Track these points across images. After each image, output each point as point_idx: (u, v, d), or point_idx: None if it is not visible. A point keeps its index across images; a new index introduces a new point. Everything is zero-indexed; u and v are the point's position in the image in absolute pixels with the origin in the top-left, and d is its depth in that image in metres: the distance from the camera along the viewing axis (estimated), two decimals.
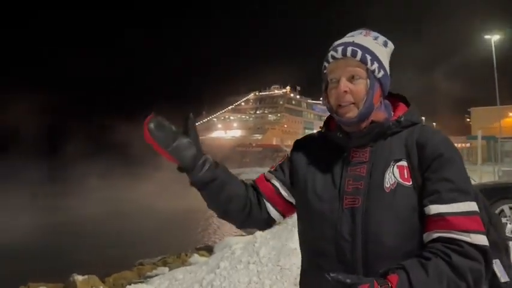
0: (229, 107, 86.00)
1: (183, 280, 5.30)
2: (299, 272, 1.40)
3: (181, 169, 1.28)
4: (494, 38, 27.93)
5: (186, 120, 1.28)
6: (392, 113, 1.32)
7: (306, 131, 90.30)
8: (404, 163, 1.19)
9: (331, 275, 1.04)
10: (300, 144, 1.45)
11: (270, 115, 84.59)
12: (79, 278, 8.27)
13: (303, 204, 1.34)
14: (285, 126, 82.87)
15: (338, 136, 1.30)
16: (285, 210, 1.43)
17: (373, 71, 1.22)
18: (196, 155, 1.27)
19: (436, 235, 1.09)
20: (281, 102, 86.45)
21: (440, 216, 1.09)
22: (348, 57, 1.22)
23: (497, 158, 19.02)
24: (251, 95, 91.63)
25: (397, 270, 1.04)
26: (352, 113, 1.21)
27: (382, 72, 1.24)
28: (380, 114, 1.27)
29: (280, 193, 1.41)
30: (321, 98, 1.37)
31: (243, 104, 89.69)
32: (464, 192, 1.11)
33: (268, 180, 1.44)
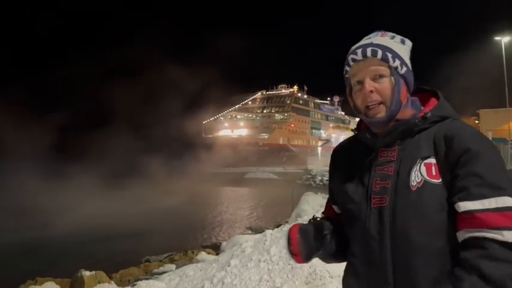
0: (236, 106, 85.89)
1: (194, 277, 5.28)
2: (310, 271, 1.45)
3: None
4: (504, 39, 27.78)
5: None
6: (422, 109, 1.29)
7: (314, 131, 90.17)
8: (432, 160, 1.16)
9: None
10: (335, 152, 1.50)
11: (277, 114, 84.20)
12: (86, 273, 8.29)
13: (340, 207, 1.39)
14: (292, 125, 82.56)
15: (366, 137, 1.31)
16: None
17: (396, 68, 1.22)
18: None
19: (467, 235, 1.05)
20: (288, 102, 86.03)
21: (470, 213, 1.05)
22: (369, 58, 1.22)
23: (508, 160, 18.86)
24: (258, 94, 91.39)
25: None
26: (382, 112, 1.22)
27: (404, 68, 1.23)
28: (407, 112, 1.26)
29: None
30: (328, 99, 1.36)
31: (250, 103, 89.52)
32: (495, 187, 1.05)
33: (331, 207, 1.50)
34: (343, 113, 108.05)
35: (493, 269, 0.97)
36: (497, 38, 28.27)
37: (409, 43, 1.30)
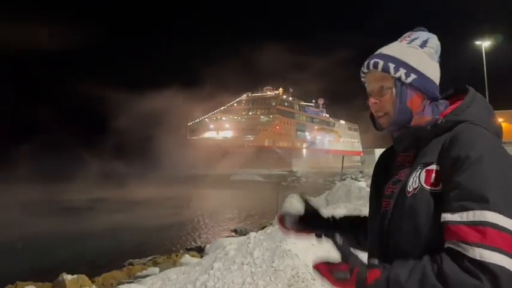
0: (221, 108, 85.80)
1: (176, 280, 5.25)
2: (292, 274, 1.46)
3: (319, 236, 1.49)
4: (485, 43, 28.33)
5: (304, 202, 1.53)
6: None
7: (299, 133, 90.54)
8: (434, 167, 1.11)
9: (337, 235, 1.11)
10: (381, 156, 1.47)
11: (262, 116, 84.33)
12: (68, 277, 8.19)
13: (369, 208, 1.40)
14: (277, 127, 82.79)
15: (393, 140, 1.32)
16: None
17: (399, 78, 1.20)
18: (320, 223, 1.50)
19: (446, 245, 1.00)
20: (273, 104, 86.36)
21: (446, 224, 1.00)
22: (372, 70, 1.24)
23: None
24: (243, 96, 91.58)
25: (384, 268, 1.02)
26: (386, 123, 1.24)
27: (413, 76, 1.20)
28: (423, 118, 1.22)
29: None
30: (313, 101, 1.36)
31: (235, 104, 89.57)
32: (478, 199, 0.96)
33: None
34: (327, 115, 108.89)
35: (453, 272, 0.93)
36: (477, 43, 28.81)
37: (432, 44, 1.27)
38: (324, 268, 1.07)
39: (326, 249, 5.30)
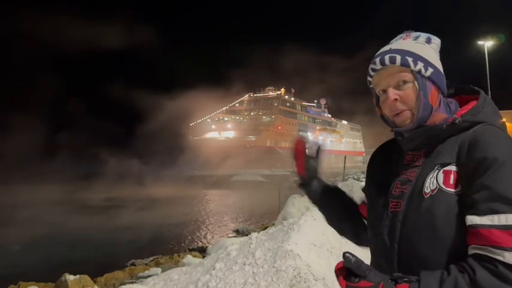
0: (223, 108, 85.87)
1: (178, 281, 5.26)
2: (294, 274, 1.44)
3: (302, 185, 1.54)
4: (487, 43, 28.28)
5: (318, 149, 1.55)
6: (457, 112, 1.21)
7: (300, 133, 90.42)
8: (452, 167, 1.08)
9: (346, 254, 0.96)
10: (375, 153, 1.43)
11: (264, 117, 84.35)
12: (70, 277, 8.20)
13: (368, 206, 1.35)
14: (279, 128, 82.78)
15: (398, 139, 1.25)
16: None
17: (419, 71, 1.15)
18: (316, 174, 1.54)
19: (472, 251, 0.96)
20: (275, 104, 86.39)
21: (475, 228, 0.96)
22: (388, 66, 1.17)
23: None
24: (245, 97, 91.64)
25: (412, 282, 0.94)
26: (409, 120, 1.16)
27: (430, 70, 1.16)
28: (438, 116, 1.17)
29: None
30: (315, 101, 1.31)
31: (237, 105, 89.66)
32: (509, 202, 0.93)
33: (364, 203, 1.46)
34: (329, 115, 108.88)
35: (487, 280, 0.89)
36: (480, 43, 28.76)
37: (436, 41, 1.24)
38: (343, 283, 0.97)
39: (326, 250, 5.26)
